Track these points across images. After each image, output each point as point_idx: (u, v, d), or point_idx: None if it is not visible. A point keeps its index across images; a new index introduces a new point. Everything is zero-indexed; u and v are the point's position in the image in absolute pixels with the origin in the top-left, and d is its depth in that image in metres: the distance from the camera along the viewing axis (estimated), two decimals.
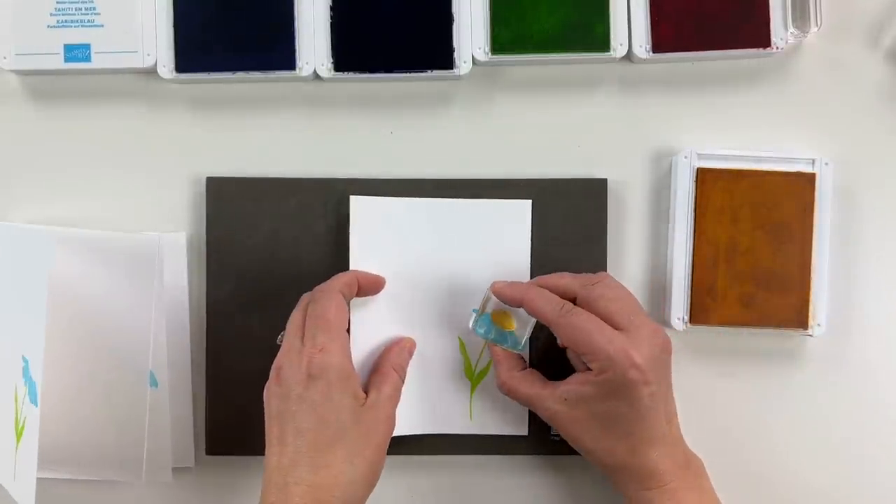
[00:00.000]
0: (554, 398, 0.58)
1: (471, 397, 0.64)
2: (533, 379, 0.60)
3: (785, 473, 0.65)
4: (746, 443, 0.65)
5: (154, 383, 0.61)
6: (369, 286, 0.61)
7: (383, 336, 0.62)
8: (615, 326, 0.56)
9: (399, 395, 0.59)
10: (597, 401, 0.56)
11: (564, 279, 0.59)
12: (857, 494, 0.65)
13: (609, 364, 0.55)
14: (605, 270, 0.64)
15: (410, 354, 0.62)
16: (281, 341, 0.58)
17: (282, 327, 0.58)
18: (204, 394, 0.64)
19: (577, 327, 0.56)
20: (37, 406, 0.57)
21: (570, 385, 0.57)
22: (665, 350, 0.57)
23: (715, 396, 0.65)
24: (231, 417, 0.63)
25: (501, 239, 0.63)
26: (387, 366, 0.59)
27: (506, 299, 0.60)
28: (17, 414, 0.61)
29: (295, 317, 0.58)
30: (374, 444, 0.56)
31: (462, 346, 0.63)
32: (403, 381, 0.60)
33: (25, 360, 0.59)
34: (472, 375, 0.64)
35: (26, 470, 0.58)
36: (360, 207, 0.62)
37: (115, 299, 0.61)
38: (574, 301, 0.58)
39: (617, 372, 0.55)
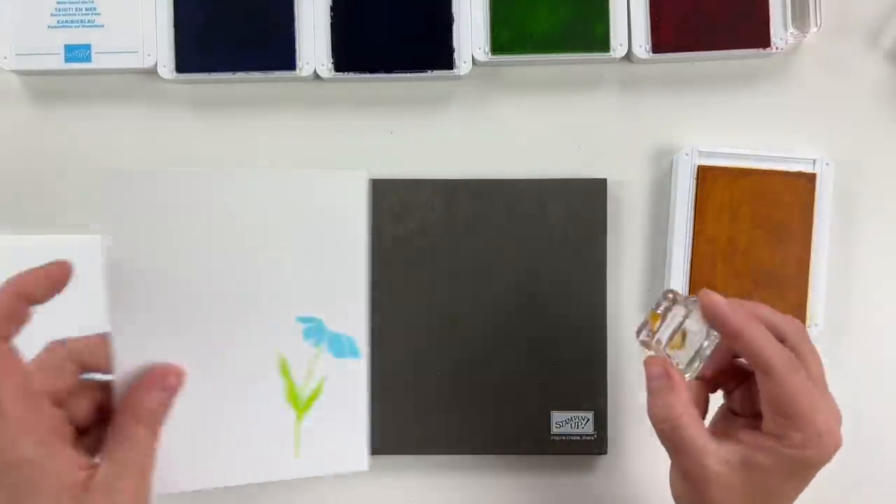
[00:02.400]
0: (717, 457, 0.48)
1: (296, 429, 0.48)
2: (702, 425, 0.49)
3: None
4: None
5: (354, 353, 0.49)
6: (45, 286, 0.42)
7: (160, 360, 0.45)
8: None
9: (151, 456, 0.42)
10: (769, 473, 0.48)
11: (776, 317, 0.50)
12: (855, 494, 0.65)
13: (816, 442, 0.47)
14: (605, 269, 0.64)
15: (172, 391, 0.44)
16: None
17: None
18: None
19: (799, 390, 0.47)
20: (359, 356, 0.48)
21: (744, 447, 0.48)
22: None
23: (712, 395, 0.65)
24: None
25: (328, 223, 0.47)
26: (127, 418, 0.42)
27: (716, 319, 0.48)
28: (291, 386, 0.48)
29: None
30: None
31: (283, 364, 0.48)
32: (157, 435, 0.43)
33: (312, 320, 0.48)
34: (297, 402, 0.49)
35: (343, 432, 0.49)
36: (119, 190, 0.43)
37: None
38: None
39: (820, 453, 0.47)
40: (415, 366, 0.63)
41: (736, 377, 0.52)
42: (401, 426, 0.63)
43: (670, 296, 0.51)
